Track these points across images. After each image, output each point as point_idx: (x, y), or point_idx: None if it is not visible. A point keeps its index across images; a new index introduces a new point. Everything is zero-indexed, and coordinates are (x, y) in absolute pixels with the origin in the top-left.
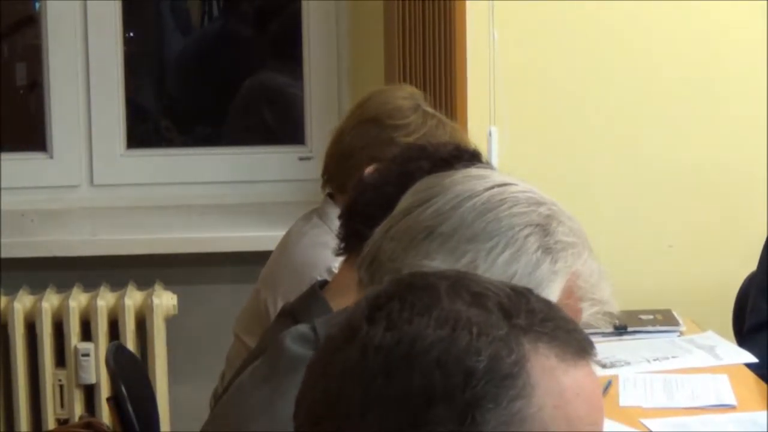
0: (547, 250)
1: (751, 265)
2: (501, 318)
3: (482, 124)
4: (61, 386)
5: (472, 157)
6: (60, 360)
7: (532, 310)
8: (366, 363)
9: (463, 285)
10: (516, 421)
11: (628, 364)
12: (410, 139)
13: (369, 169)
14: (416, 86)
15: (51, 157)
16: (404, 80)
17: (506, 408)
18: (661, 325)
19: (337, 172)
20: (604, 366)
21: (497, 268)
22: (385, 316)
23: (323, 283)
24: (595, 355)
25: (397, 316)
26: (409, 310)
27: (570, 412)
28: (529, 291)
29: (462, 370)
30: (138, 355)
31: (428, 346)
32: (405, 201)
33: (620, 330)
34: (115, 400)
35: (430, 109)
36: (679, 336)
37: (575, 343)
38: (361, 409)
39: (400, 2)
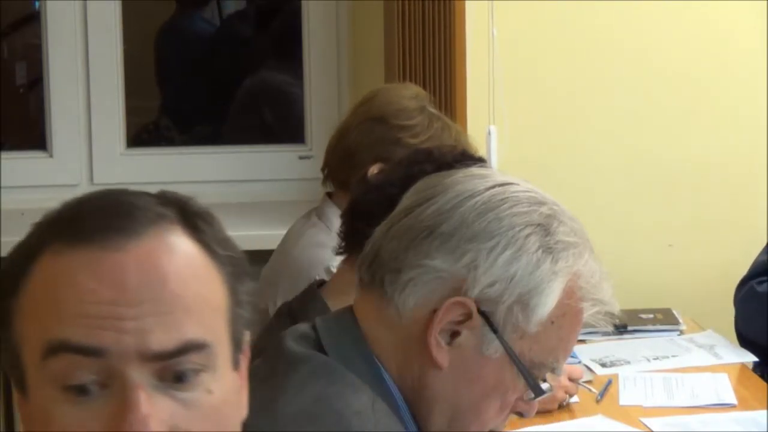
0: (547, 249)
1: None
2: None
3: (481, 123)
4: None
5: (477, 164)
6: None
7: None
8: None
9: None
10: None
11: (628, 363)
12: (416, 141)
13: (373, 170)
14: (416, 85)
15: (51, 156)
16: (404, 79)
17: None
18: (661, 324)
19: (340, 169)
20: (604, 365)
21: (498, 267)
22: None
23: (321, 283)
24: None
25: None
26: None
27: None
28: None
29: None
30: None
31: None
32: (406, 200)
33: (620, 329)
34: None
35: (435, 111)
36: (679, 335)
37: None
38: None
39: (400, 2)
